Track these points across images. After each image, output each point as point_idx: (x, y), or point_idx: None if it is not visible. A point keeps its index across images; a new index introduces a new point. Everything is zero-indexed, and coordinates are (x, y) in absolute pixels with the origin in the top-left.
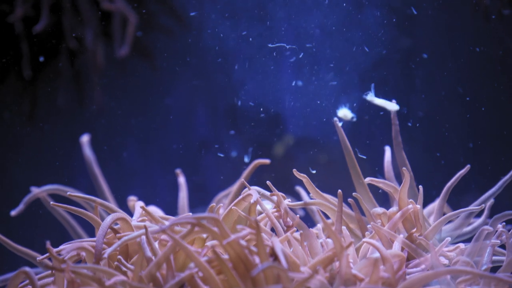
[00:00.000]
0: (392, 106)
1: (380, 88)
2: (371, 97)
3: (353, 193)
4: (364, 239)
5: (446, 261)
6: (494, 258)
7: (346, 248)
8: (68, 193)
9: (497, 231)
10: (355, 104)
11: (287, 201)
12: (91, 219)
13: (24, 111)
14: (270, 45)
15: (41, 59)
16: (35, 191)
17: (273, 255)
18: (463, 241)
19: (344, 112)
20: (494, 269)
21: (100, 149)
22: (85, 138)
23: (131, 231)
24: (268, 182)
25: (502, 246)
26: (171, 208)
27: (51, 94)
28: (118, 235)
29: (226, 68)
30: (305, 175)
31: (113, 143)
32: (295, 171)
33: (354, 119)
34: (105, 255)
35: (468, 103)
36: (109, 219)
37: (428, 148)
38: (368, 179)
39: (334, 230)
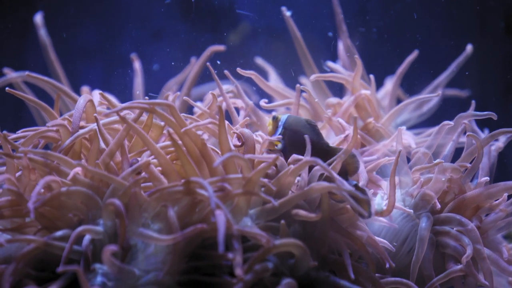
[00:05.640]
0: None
1: None
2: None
3: (301, 86)
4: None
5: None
6: None
7: None
8: (27, 73)
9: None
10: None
11: (262, 102)
12: (44, 109)
13: None
14: None
15: None
16: (8, 76)
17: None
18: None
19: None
20: None
21: (55, 36)
22: (38, 18)
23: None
24: (226, 72)
25: None
26: (126, 97)
27: None
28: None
29: None
30: (252, 72)
31: (68, 31)
32: (239, 70)
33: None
34: (58, 153)
35: None
36: (82, 100)
37: (382, 37)
38: (313, 76)
39: None
